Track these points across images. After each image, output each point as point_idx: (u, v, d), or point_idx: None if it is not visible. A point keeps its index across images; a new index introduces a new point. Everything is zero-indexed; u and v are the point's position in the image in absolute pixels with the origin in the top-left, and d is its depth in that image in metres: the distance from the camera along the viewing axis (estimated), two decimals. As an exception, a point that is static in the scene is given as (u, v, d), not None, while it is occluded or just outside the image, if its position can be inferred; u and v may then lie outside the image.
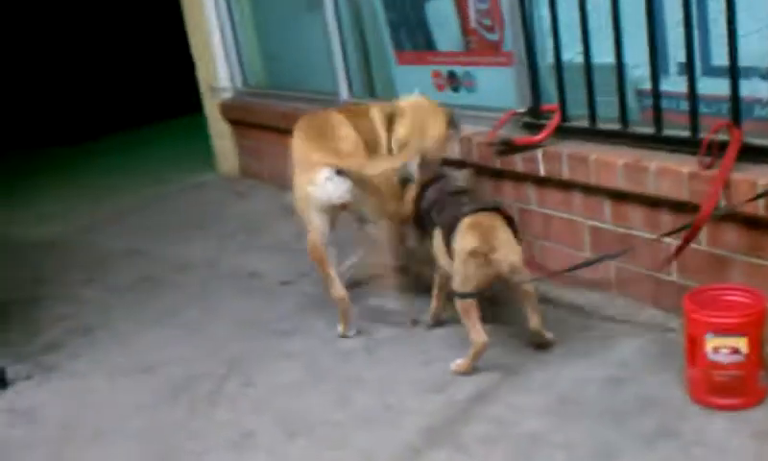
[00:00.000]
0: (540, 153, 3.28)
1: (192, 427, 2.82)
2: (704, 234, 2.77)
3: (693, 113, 2.79)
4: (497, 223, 2.83)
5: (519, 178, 3.45)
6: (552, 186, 3.32)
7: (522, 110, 3.48)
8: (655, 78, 2.88)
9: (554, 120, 3.29)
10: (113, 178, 6.74)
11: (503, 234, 2.81)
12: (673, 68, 2.93)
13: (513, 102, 3.59)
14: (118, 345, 3.56)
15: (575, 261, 3.04)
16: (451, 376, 2.82)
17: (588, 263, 2.88)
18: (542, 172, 3.29)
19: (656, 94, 2.90)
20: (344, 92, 4.84)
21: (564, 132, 3.29)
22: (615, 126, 3.11)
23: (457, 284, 2.81)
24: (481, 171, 3.61)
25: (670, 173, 2.78)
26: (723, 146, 2.65)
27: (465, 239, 2.78)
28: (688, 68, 2.75)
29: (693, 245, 2.76)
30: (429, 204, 3.11)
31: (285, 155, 3.47)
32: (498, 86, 3.74)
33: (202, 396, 2.99)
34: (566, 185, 3.24)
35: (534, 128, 3.41)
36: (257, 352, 3.26)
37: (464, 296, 2.77)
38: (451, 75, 4.06)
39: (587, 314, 3.11)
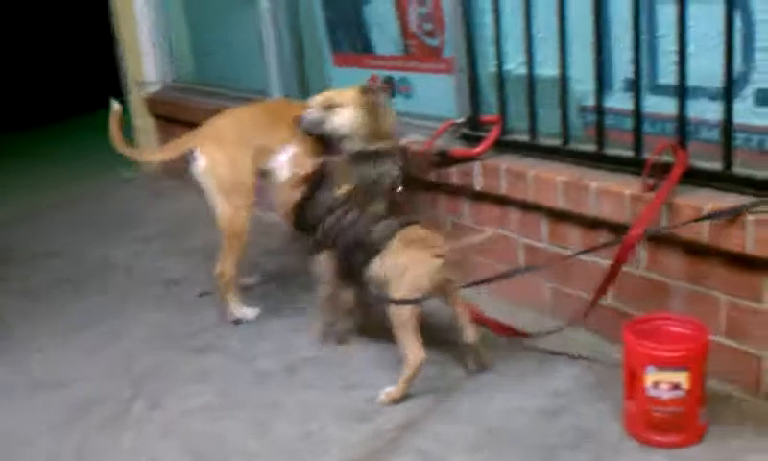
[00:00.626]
0: (477, 166, 3.12)
1: (96, 452, 2.58)
2: (642, 258, 2.65)
3: (637, 132, 2.67)
4: (426, 232, 2.72)
5: (455, 191, 3.30)
6: (488, 202, 3.17)
7: (461, 121, 3.32)
8: (599, 93, 2.76)
9: (493, 133, 3.14)
10: (35, 171, 6.40)
11: (439, 240, 2.68)
12: (618, 84, 2.80)
13: (451, 111, 3.43)
14: (31, 353, 3.29)
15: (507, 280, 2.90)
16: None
17: (504, 275, 2.83)
18: (479, 186, 3.14)
19: (599, 110, 2.78)
20: (276, 91, 4.62)
21: (503, 145, 3.15)
22: (556, 141, 2.97)
23: (399, 295, 2.63)
24: (415, 182, 3.44)
25: (611, 194, 2.66)
26: (667, 168, 2.52)
27: (410, 250, 2.63)
28: (635, 85, 2.63)
29: (631, 269, 2.65)
30: (322, 211, 2.91)
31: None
32: (437, 94, 3.58)
33: (108, 417, 2.74)
34: (503, 201, 3.09)
35: (472, 140, 3.26)
36: (169, 371, 3.02)
37: (407, 302, 2.58)
38: (388, 79, 3.88)
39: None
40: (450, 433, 2.46)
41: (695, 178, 2.51)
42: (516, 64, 3.09)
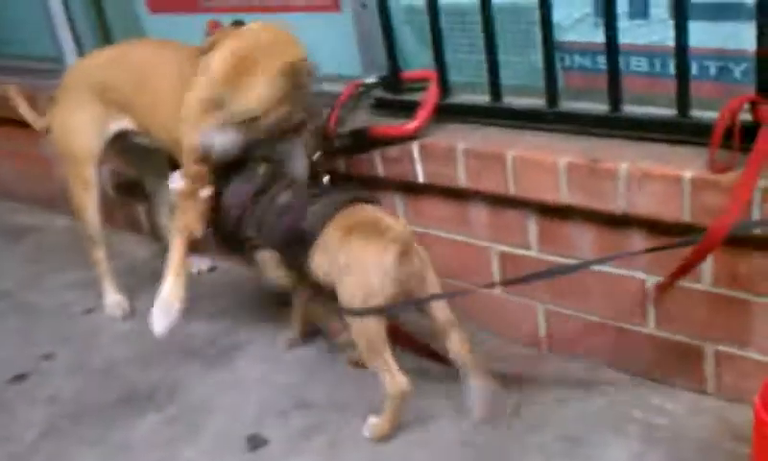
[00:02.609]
0: (415, 148, 2.10)
1: None
2: (707, 268, 1.77)
3: (683, 77, 1.74)
4: (375, 211, 1.94)
5: (380, 184, 2.26)
6: (437, 197, 2.16)
7: (371, 80, 2.27)
8: (609, 15, 1.79)
9: (430, 95, 2.11)
10: None
11: (393, 221, 1.90)
12: (624, 7, 1.85)
13: (346, 67, 2.37)
14: None
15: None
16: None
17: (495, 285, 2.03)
18: (421, 177, 2.12)
19: (611, 47, 1.81)
20: (70, 56, 3.31)
21: (446, 112, 2.13)
22: (532, 102, 2.00)
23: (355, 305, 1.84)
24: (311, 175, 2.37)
25: (655, 178, 1.73)
26: (748, 133, 1.62)
27: (352, 240, 1.85)
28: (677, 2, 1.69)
29: (689, 283, 1.77)
30: (242, 200, 2.07)
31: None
32: (316, 40, 2.49)
33: None
34: (461, 195, 2.10)
35: (394, 107, 2.22)
36: None
37: (362, 314, 1.81)
38: (237, 24, 2.72)
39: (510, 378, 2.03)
40: None
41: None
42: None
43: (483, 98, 2.06)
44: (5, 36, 3.64)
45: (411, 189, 2.19)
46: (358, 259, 1.82)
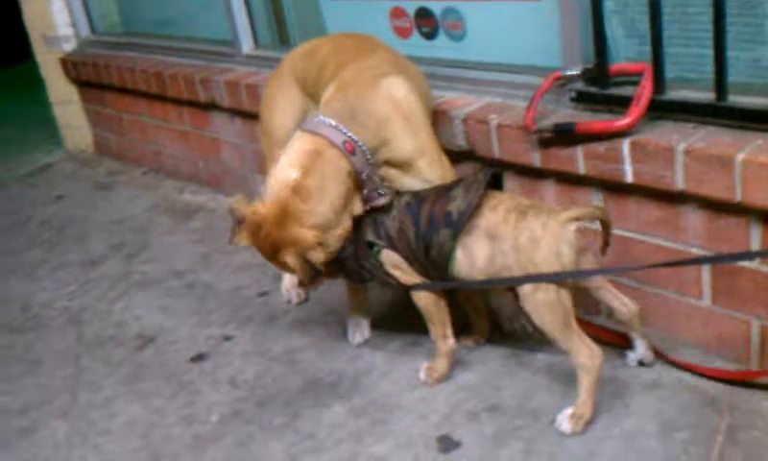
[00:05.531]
0: (625, 146, 1.97)
1: None
2: None
3: None
4: (520, 198, 1.98)
5: (578, 182, 2.15)
6: (644, 199, 2.03)
7: (574, 72, 2.16)
8: None
9: (645, 90, 1.98)
10: None
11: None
12: None
13: (543, 56, 2.28)
14: None
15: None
16: None
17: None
18: (629, 177, 1.99)
19: None
20: (245, 40, 3.34)
21: (660, 109, 2.00)
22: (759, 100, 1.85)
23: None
24: (504, 168, 2.28)
25: None
26: None
27: (529, 219, 1.86)
28: None
29: None
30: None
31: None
32: (511, 30, 2.40)
33: None
34: (676, 199, 1.96)
35: (598, 101, 2.10)
36: None
37: (560, 278, 1.83)
38: (423, 13, 2.67)
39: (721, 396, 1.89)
40: None
41: None
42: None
43: (704, 95, 1.92)
44: (181, 19, 3.72)
45: (614, 189, 2.07)
46: (544, 234, 1.82)
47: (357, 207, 2.01)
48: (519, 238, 1.85)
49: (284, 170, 1.95)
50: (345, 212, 1.98)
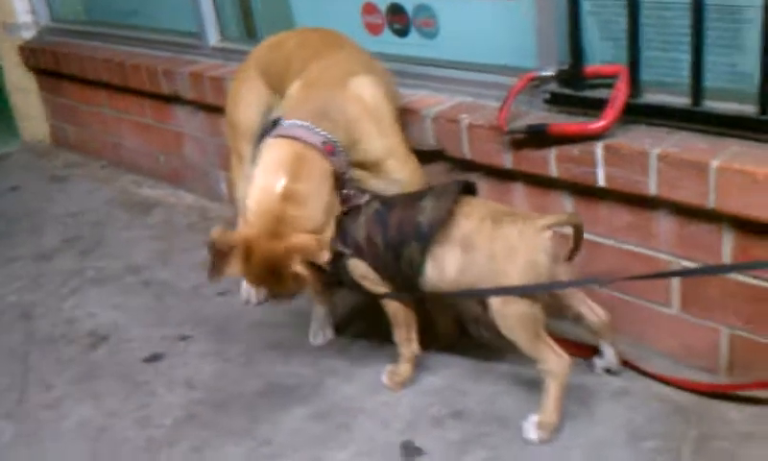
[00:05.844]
0: (598, 149, 1.93)
1: None
2: None
3: None
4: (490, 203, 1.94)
5: (550, 184, 2.11)
6: (616, 203, 2.00)
7: (549, 73, 2.12)
8: None
9: (619, 92, 1.94)
10: None
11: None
12: None
13: (518, 56, 2.23)
14: None
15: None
16: None
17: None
18: (602, 181, 1.96)
19: None
20: (211, 32, 3.26)
21: (634, 112, 1.96)
22: (743, 108, 1.82)
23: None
24: (472, 169, 2.24)
25: None
26: None
27: (504, 227, 1.80)
28: None
29: None
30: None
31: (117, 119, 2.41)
32: (485, 28, 2.36)
33: None
34: (648, 204, 1.93)
35: (573, 104, 2.06)
36: None
37: (527, 291, 1.77)
38: (395, 9, 2.61)
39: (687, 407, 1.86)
40: None
41: None
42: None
43: (680, 100, 1.89)
44: (147, 9, 3.62)
45: (586, 192, 2.03)
46: (520, 243, 1.77)
47: (337, 208, 1.94)
48: (494, 247, 1.80)
49: (267, 180, 1.85)
50: (332, 213, 1.91)
